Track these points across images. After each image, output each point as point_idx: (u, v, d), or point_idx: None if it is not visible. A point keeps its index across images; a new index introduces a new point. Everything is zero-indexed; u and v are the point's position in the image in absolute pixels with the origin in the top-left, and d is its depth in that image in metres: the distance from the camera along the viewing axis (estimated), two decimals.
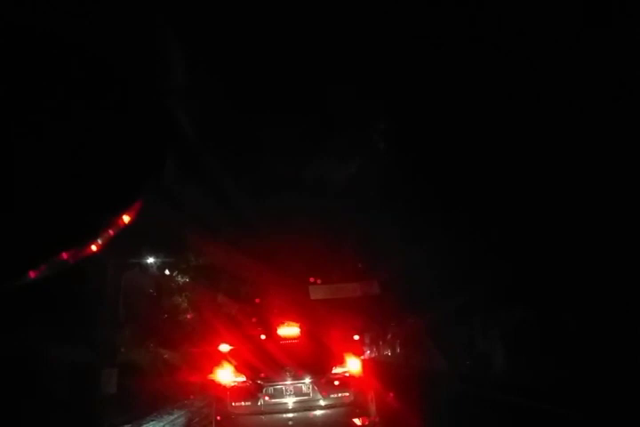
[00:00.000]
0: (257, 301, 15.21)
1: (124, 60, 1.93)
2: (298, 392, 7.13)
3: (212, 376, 8.02)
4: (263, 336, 8.27)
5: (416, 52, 9.71)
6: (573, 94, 8.02)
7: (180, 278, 18.60)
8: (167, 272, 18.28)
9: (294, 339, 8.03)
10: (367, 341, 20.12)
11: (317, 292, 13.50)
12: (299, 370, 7.22)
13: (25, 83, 1.80)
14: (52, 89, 1.84)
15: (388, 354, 21.31)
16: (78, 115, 1.83)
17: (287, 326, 8.47)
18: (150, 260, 16.81)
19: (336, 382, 7.24)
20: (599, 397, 7.40)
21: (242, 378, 7.30)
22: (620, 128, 7.71)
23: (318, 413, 7.12)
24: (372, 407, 7.44)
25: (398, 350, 20.20)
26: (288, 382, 7.17)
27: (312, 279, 13.87)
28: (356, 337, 14.64)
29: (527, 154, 9.07)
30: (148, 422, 10.29)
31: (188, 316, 18.98)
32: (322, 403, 7.14)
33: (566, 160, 8.45)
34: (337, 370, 7.40)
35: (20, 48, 1.78)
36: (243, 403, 7.13)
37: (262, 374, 7.24)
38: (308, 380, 7.18)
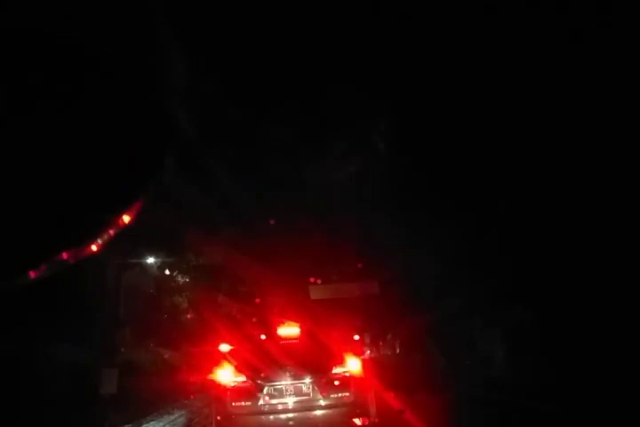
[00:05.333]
0: (257, 301, 15.21)
1: (124, 60, 1.93)
2: (298, 392, 7.13)
3: (212, 376, 8.03)
4: (263, 336, 8.27)
5: (416, 52, 9.72)
6: (573, 94, 8.03)
7: (180, 278, 18.60)
8: (167, 272, 18.28)
9: (294, 339, 8.03)
10: (367, 341, 20.09)
11: (317, 292, 13.50)
12: (299, 370, 7.22)
13: (25, 83, 1.80)
14: (52, 89, 1.83)
15: (388, 354, 21.30)
16: (78, 115, 1.83)
17: (287, 326, 8.48)
18: (150, 260, 16.82)
19: (336, 382, 7.25)
20: (600, 396, 7.40)
21: (242, 378, 7.31)
22: (619, 128, 7.71)
23: (318, 413, 7.12)
24: (372, 407, 7.45)
25: (398, 350, 20.19)
26: (288, 382, 7.18)
27: (312, 279, 13.86)
28: (356, 337, 14.65)
29: (529, 153, 9.07)
30: (148, 422, 10.28)
31: (188, 316, 18.99)
32: (322, 403, 7.15)
33: (567, 160, 8.45)
34: (337, 370, 7.40)
35: (20, 48, 1.78)
36: (243, 403, 7.14)
37: (262, 374, 7.24)
38: (308, 380, 7.19)
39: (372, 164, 13.39)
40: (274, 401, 7.11)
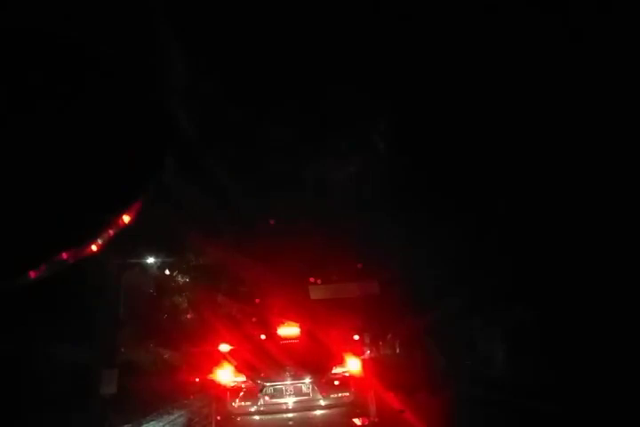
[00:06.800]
0: (257, 301, 15.20)
1: (123, 60, 1.93)
2: (298, 392, 7.14)
3: (212, 376, 8.02)
4: (263, 336, 8.28)
5: (415, 52, 9.71)
6: (573, 94, 8.03)
7: (180, 278, 18.59)
8: (167, 272, 18.27)
9: (294, 339, 8.04)
10: (367, 341, 20.11)
11: (317, 292, 13.50)
12: (299, 370, 7.23)
13: (25, 83, 1.80)
14: (52, 89, 1.83)
15: (388, 354, 21.30)
16: (78, 115, 1.83)
17: (287, 326, 8.48)
18: (150, 260, 16.80)
19: (336, 382, 7.26)
20: (600, 396, 7.40)
21: (242, 378, 7.31)
22: (619, 128, 7.71)
23: (318, 413, 7.13)
24: (372, 407, 7.45)
25: (398, 350, 20.18)
26: (288, 382, 7.18)
27: (312, 279, 13.86)
28: (356, 337, 14.65)
29: (529, 153, 9.07)
30: (148, 422, 10.28)
31: (188, 316, 18.98)
32: (322, 403, 7.15)
33: (567, 160, 8.45)
34: (337, 370, 7.41)
35: (20, 48, 1.78)
36: (243, 403, 7.15)
37: (262, 374, 7.25)
38: (307, 380, 7.19)
39: (372, 164, 13.39)
40: (274, 401, 7.11)
